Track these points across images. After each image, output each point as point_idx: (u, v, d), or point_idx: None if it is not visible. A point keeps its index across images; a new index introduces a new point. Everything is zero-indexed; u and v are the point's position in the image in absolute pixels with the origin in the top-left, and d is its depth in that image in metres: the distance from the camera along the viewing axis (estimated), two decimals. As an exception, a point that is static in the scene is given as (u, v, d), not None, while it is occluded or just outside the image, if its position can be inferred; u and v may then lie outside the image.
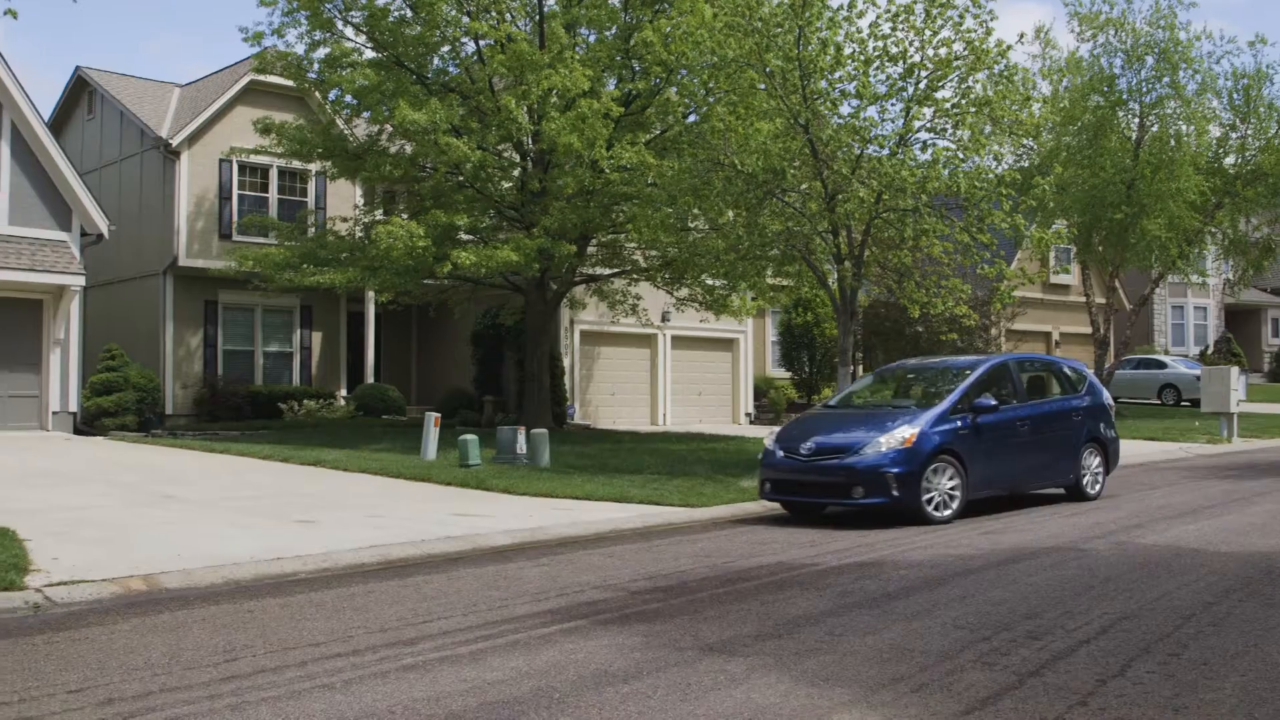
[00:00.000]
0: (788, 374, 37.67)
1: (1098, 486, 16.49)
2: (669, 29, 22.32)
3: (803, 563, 10.94)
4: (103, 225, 25.45)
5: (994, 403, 15.02)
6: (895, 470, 13.88)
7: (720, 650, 7.35)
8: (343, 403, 30.82)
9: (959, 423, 14.68)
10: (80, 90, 34.06)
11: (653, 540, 12.69)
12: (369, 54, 26.00)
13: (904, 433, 14.22)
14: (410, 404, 32.37)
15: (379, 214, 28.05)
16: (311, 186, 31.03)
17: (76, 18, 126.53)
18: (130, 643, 7.61)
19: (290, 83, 27.65)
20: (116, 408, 25.83)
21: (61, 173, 24.80)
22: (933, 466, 14.11)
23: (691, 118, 24.09)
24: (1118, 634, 7.69)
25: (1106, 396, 17.37)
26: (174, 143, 28.83)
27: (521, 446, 19.51)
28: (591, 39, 25.90)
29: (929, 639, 7.60)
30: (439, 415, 20.68)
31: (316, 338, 31.74)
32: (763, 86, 19.82)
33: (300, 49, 26.12)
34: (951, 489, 14.19)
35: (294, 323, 31.37)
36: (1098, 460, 16.51)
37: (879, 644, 7.48)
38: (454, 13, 24.59)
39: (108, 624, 8.20)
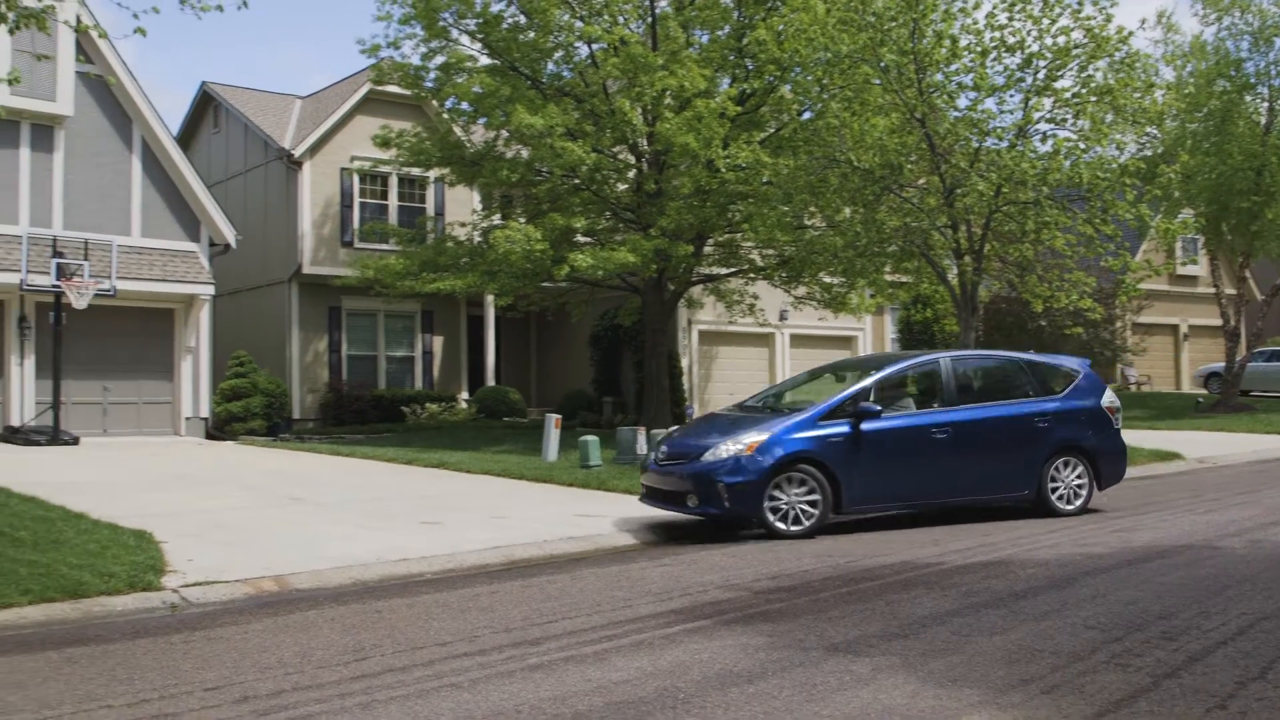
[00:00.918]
0: (906, 370, 37.21)
1: (1078, 500, 14.17)
2: (782, 26, 22.22)
3: (926, 562, 10.81)
4: (230, 236, 26.09)
5: (877, 408, 13.37)
6: (728, 479, 12.69)
7: (845, 650, 7.30)
8: (464, 405, 31.20)
9: (832, 430, 13.17)
10: (206, 105, 34.98)
11: (775, 540, 12.62)
12: (484, 61, 26.30)
13: (748, 439, 12.99)
14: (530, 406, 32.66)
15: (497, 218, 28.35)
16: (430, 193, 31.47)
17: (202, 34, 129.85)
18: (263, 642, 7.79)
19: (407, 92, 28.11)
20: (246, 413, 26.47)
21: (190, 186, 25.47)
22: (785, 476, 12.80)
23: (806, 115, 23.95)
24: (1257, 635, 7.47)
25: (1105, 400, 14.75)
26: (296, 153, 29.45)
27: (642, 447, 19.54)
28: (704, 39, 25.87)
29: (1059, 639, 7.46)
30: (559, 417, 20.82)
31: (437, 342, 32.17)
32: (878, 81, 19.65)
33: (416, 58, 26.63)
34: (808, 502, 12.82)
35: (415, 327, 31.84)
36: (1078, 471, 14.23)
37: (1007, 644, 7.37)
38: (567, 17, 24.76)
39: (241, 624, 8.40)
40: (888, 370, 14.43)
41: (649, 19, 25.50)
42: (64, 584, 9.05)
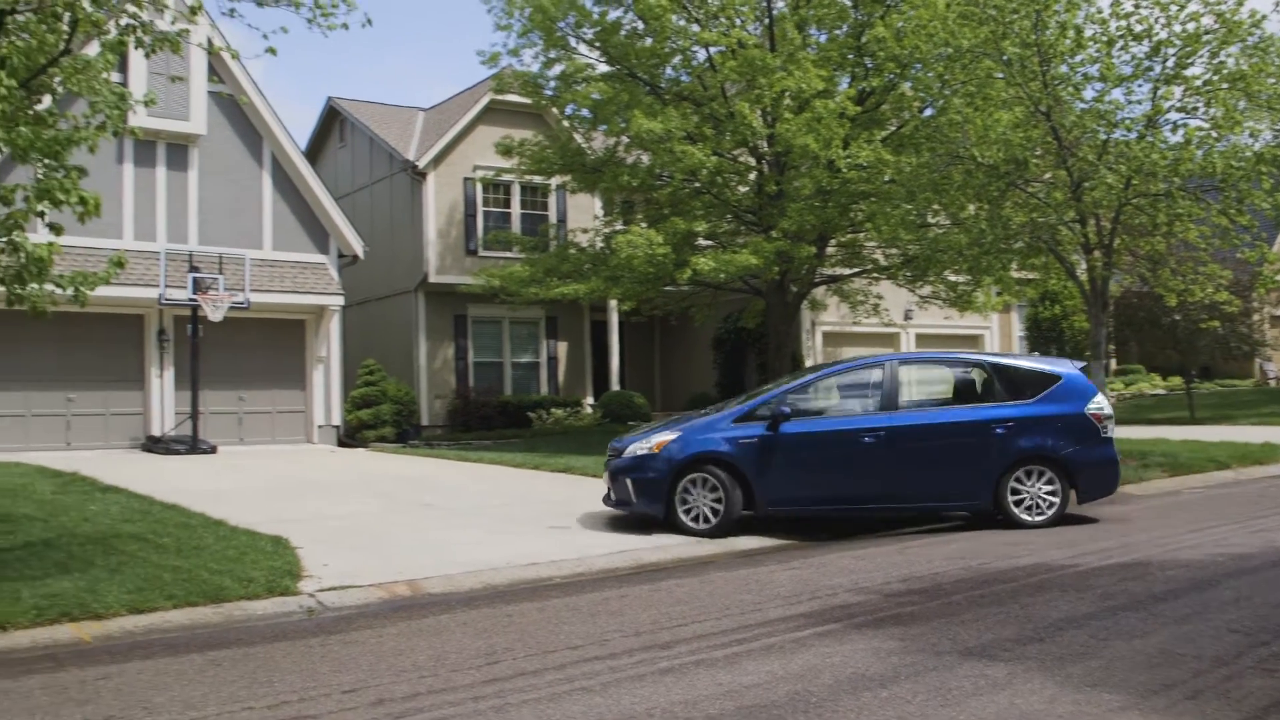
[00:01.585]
0: (1037, 369, 36.54)
1: (1048, 512, 13.30)
2: (901, 23, 22.00)
3: (1061, 564, 10.61)
4: (358, 247, 26.59)
5: (787, 411, 13.36)
6: (635, 476, 13.26)
7: (980, 654, 7.20)
8: (589, 410, 31.38)
9: (746, 431, 13.34)
10: (332, 119, 35.73)
11: (904, 542, 12.50)
12: (602, 68, 26.47)
13: (657, 438, 13.48)
14: (655, 409, 32.73)
15: (618, 224, 28.50)
16: (552, 200, 31.74)
17: (327, 50, 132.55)
18: (397, 645, 7.91)
19: (528, 100, 28.38)
20: (376, 420, 26.95)
21: (319, 199, 26.02)
22: (692, 476, 13.07)
23: (928, 111, 23.69)
24: None
25: (1090, 406, 13.56)
26: (420, 165, 29.92)
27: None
28: (822, 39, 25.72)
29: (1201, 643, 7.27)
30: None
31: (562, 347, 32.42)
32: (1000, 75, 19.35)
33: (535, 67, 26.87)
34: (715, 499, 12.96)
35: (540, 333, 32.13)
36: (1047, 480, 13.37)
37: (1147, 648, 7.20)
38: (683, 22, 24.80)
39: (376, 627, 8.55)
40: (818, 375, 14.52)
41: (766, 20, 25.42)
42: (206, 589, 9.32)
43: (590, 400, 32.36)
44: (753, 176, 25.66)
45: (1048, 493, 13.36)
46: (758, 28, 25.69)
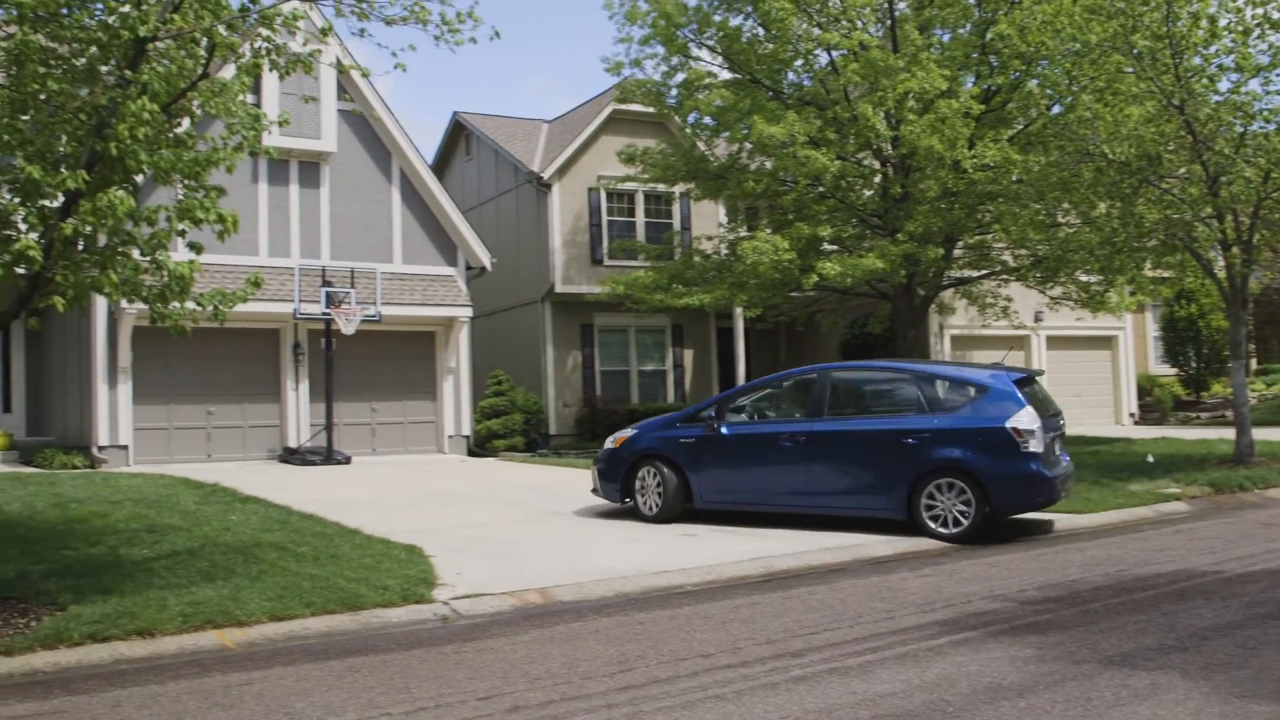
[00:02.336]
0: (1172, 370, 35.63)
1: (961, 525, 13.04)
2: (1025, 20, 21.64)
3: (1204, 570, 10.33)
4: (485, 259, 26.92)
5: (712, 415, 14.80)
6: (599, 467, 15.66)
7: (1120, 663, 7.04)
8: (715, 417, 31.25)
9: (686, 432, 14.96)
10: (458, 133, 36.24)
11: (1038, 549, 12.29)
12: (724, 75, 26.48)
13: (619, 434, 15.82)
14: (781, 416, 32.52)
15: (743, 231, 28.44)
16: (676, 208, 31.79)
17: (452, 65, 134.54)
18: (530, 653, 7.99)
19: (650, 109, 28.48)
20: (505, 430, 27.24)
21: (446, 212, 26.40)
22: (643, 470, 14.98)
23: (1055, 109, 23.23)
24: None
25: (1012, 420, 13.12)
26: (545, 176, 30.18)
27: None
28: (945, 38, 25.41)
29: (1356, 651, 7.04)
30: (811, 427, 20.66)
31: (688, 355, 32.44)
32: (1130, 69, 18.92)
33: (657, 76, 26.97)
34: (658, 492, 14.74)
35: (666, 341, 32.18)
36: (955, 491, 13.15)
37: (1298, 656, 6.99)
38: (805, 26, 24.68)
39: (509, 635, 8.64)
40: (760, 382, 16.07)
41: (888, 22, 25.20)
42: (343, 596, 9.51)
43: (716, 407, 32.23)
44: (877, 179, 25.43)
45: (961, 505, 13.17)
46: (880, 29, 25.48)
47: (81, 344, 23.13)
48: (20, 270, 8.58)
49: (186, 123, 9.46)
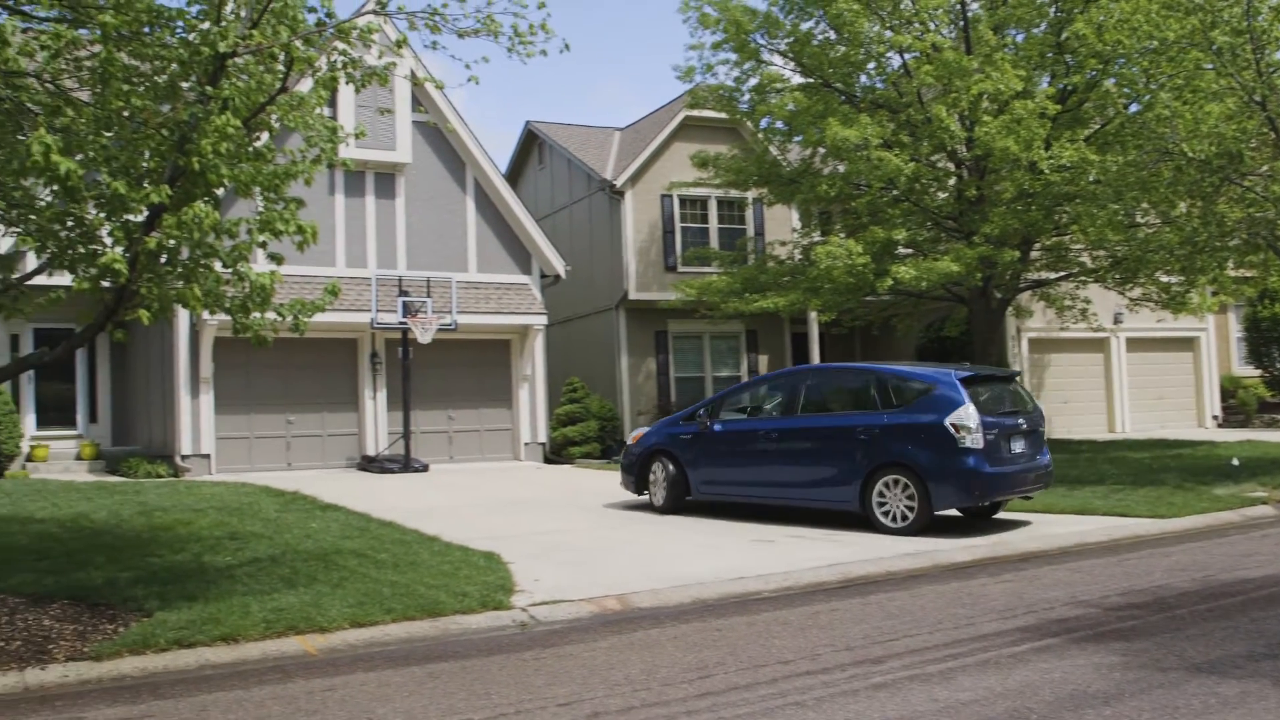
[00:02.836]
0: (1257, 372, 34.94)
1: (906, 520, 13.64)
2: (1101, 18, 21.38)
3: (1294, 575, 10.14)
4: (560, 267, 27.03)
5: (704, 413, 16.26)
6: (623, 463, 17.59)
7: (1208, 670, 6.93)
8: (790, 423, 31.19)
9: (683, 430, 16.45)
10: (531, 143, 36.44)
11: (1121, 554, 12.12)
12: (796, 79, 26.42)
13: (635, 433, 17.89)
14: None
15: (816, 235, 28.34)
16: (749, 214, 31.73)
17: (524, 75, 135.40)
18: (609, 659, 8.01)
19: (722, 115, 28.49)
20: (581, 437, 27.32)
21: (520, 221, 26.55)
22: (653, 464, 16.61)
23: (1133, 107, 22.96)
24: None
25: (951, 417, 13.50)
26: (618, 184, 30.26)
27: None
28: (1019, 38, 25.18)
29: None
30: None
31: (763, 361, 32.34)
32: (1210, 66, 18.65)
33: (729, 81, 26.98)
34: (664, 483, 16.38)
35: (740, 347, 32.12)
36: (904, 487, 13.74)
37: (1393, 663, 6.83)
38: (876, 29, 24.56)
39: (588, 641, 8.66)
40: (748, 383, 17.53)
41: (961, 23, 25.02)
42: (422, 603, 9.58)
43: (792, 413, 32.14)
44: (952, 182, 25.23)
45: (906, 503, 13.76)
46: (952, 30, 25.30)
47: (164, 355, 23.53)
48: (106, 283, 8.75)
49: (265, 136, 9.59)
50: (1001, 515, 15.13)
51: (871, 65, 25.86)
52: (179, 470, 22.47)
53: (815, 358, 29.70)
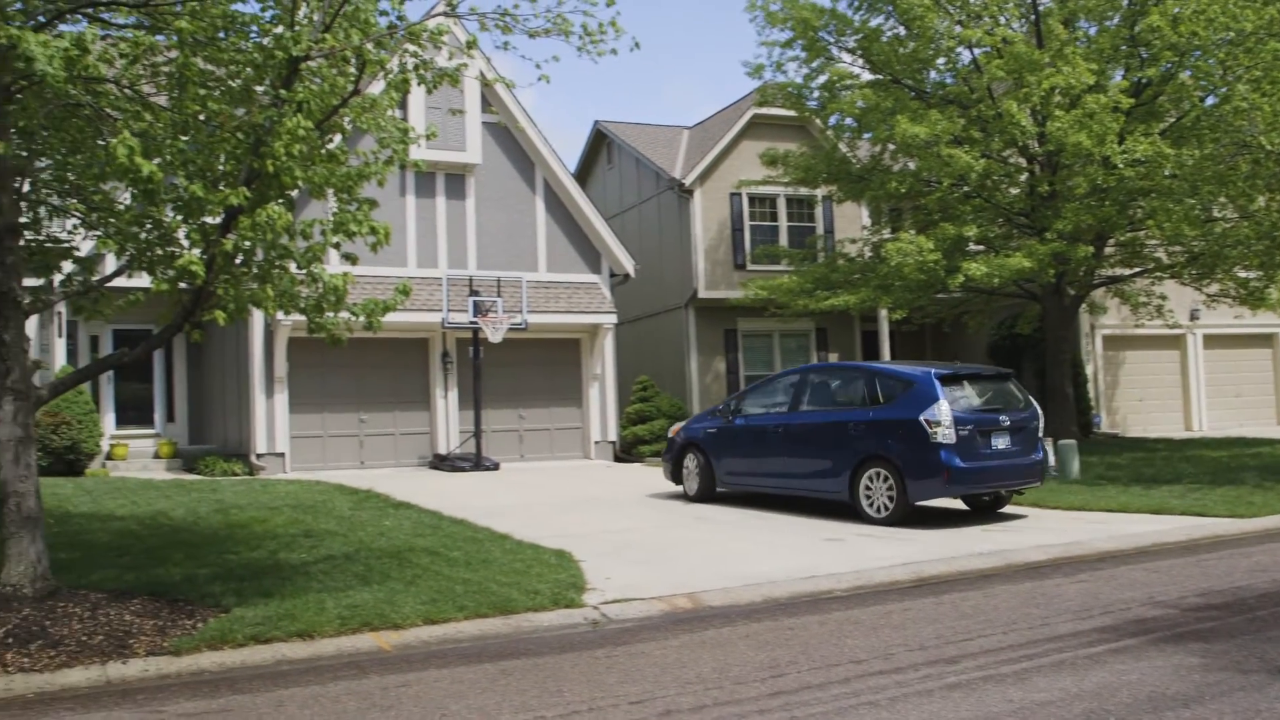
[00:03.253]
0: (1339, 368, 34.30)
1: (887, 511, 14.51)
2: (1177, 9, 21.07)
3: (1378, 575, 9.94)
4: (629, 266, 27.07)
5: (721, 409, 17.78)
6: (663, 454, 19.04)
7: (1291, 673, 6.81)
8: (860, 421, 31.08)
9: (710, 424, 17.74)
10: (600, 142, 36.53)
11: (1199, 554, 11.94)
12: (865, 76, 26.28)
13: (675, 426, 19.17)
14: (928, 420, 32.11)
15: (886, 232, 28.18)
16: (819, 211, 31.60)
17: (593, 75, 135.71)
18: (681, 657, 8.01)
19: (791, 113, 28.43)
20: (650, 435, 27.33)
21: (590, 220, 26.62)
22: (687, 456, 17.91)
23: (1209, 100, 22.58)
24: None
25: (926, 413, 14.23)
26: (687, 182, 30.26)
27: (1050, 459, 18.94)
28: (1092, 31, 24.86)
29: None
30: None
31: (833, 359, 32.19)
32: (1290, 57, 18.32)
33: (798, 79, 26.92)
34: (696, 473, 17.68)
35: (810, 345, 32.00)
36: (886, 479, 14.57)
37: None
38: (946, 24, 24.38)
39: (659, 639, 8.66)
40: (760, 383, 18.19)
41: (1032, 17, 24.76)
42: (494, 600, 9.64)
43: (861, 411, 32.02)
44: (1024, 177, 24.96)
45: (888, 494, 14.60)
46: (1023, 24, 25.05)
47: (240, 355, 23.86)
48: (184, 285, 8.89)
49: (338, 138, 9.70)
50: (1008, 509, 15.85)
51: (941, 60, 25.68)
52: (254, 468, 22.78)
53: (886, 355, 29.54)
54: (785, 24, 25.73)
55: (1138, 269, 26.31)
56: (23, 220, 9.72)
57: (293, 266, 9.37)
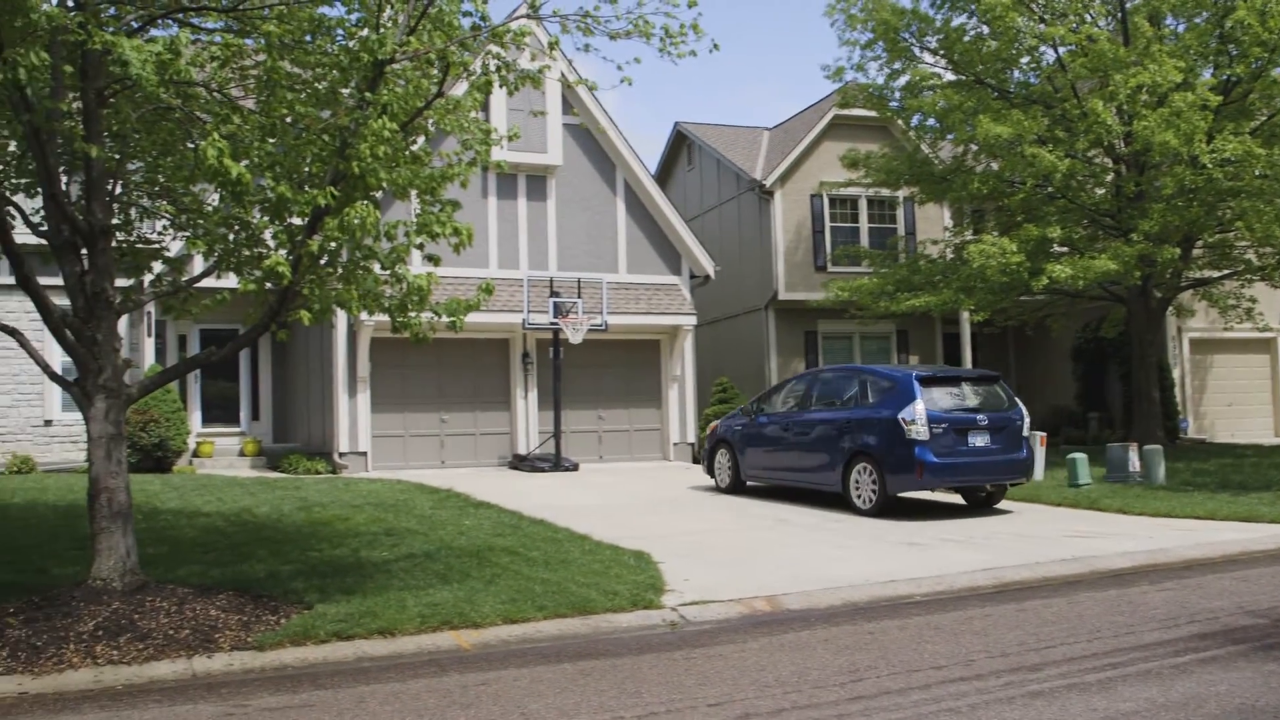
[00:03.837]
0: None
1: (870, 503, 15.92)
2: (1268, 5, 20.64)
3: None
4: (709, 267, 27.04)
5: (753, 407, 19.23)
6: (702, 450, 20.58)
7: (1387, 685, 6.65)
8: (941, 425, 30.85)
9: (737, 422, 19.36)
10: (680, 144, 36.55)
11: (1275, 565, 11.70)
12: (947, 76, 26.06)
13: (713, 423, 20.89)
14: (1010, 423, 31.78)
15: (969, 234, 27.91)
16: (900, 213, 31.39)
17: (673, 76, 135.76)
18: (760, 660, 7.98)
19: (872, 114, 28.28)
20: (728, 438, 27.29)
21: (670, 222, 26.63)
22: (718, 452, 19.63)
23: (1303, 98, 22.12)
24: None
25: (903, 412, 15.59)
26: (767, 183, 30.18)
27: (1134, 464, 18.66)
28: (1179, 28, 24.44)
29: None
30: (1044, 434, 20.16)
31: (913, 361, 31.96)
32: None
33: (879, 80, 26.78)
34: (728, 468, 19.35)
35: (890, 348, 31.79)
36: (869, 472, 15.98)
37: None
38: (1028, 23, 24.10)
39: (737, 642, 8.65)
40: (780, 384, 19.70)
41: (1118, 14, 24.41)
42: (573, 601, 9.67)
43: (941, 414, 31.78)
44: (1109, 178, 24.60)
45: (872, 486, 15.91)
46: (1109, 22, 24.70)
47: (323, 355, 24.16)
48: (269, 285, 9.02)
49: (421, 140, 9.78)
50: (1003, 505, 16.91)
51: (1025, 60, 25.40)
52: (337, 467, 23.05)
53: (967, 358, 29.25)
54: (866, 25, 25.59)
55: (1226, 271, 25.82)
56: (114, 222, 9.91)
57: (377, 267, 9.46)
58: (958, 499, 17.29)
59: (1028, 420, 16.66)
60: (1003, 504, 16.96)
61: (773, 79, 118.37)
